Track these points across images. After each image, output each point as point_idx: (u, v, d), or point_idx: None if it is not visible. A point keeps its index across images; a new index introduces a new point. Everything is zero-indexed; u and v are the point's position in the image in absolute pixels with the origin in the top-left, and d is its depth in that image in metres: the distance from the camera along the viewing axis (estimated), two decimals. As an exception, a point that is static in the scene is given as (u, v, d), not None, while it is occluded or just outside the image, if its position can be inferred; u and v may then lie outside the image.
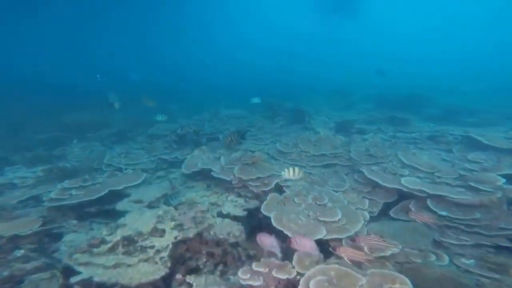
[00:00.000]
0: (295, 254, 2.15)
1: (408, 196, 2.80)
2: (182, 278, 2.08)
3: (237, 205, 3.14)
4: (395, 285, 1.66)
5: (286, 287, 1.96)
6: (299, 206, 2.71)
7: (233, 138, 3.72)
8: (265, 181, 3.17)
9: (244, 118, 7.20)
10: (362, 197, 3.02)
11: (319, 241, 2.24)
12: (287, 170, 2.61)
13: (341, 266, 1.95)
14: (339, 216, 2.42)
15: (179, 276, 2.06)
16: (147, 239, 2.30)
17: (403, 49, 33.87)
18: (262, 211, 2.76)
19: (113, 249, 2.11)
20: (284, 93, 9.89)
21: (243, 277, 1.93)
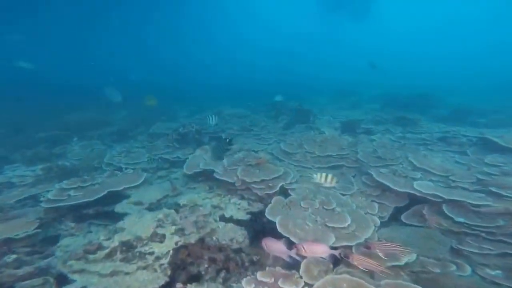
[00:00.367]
0: (303, 263, 2.03)
1: (420, 200, 2.66)
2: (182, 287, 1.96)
3: (240, 208, 3.03)
4: (413, 299, 1.54)
5: (293, 299, 1.84)
6: (306, 211, 2.58)
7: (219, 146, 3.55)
8: (269, 183, 3.04)
9: (246, 117, 7.08)
10: (371, 201, 2.88)
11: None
12: (320, 175, 2.48)
13: (352, 276, 1.83)
14: (348, 222, 2.29)
15: (179, 286, 1.94)
16: (146, 244, 2.19)
17: (406, 49, 33.52)
18: (267, 215, 2.64)
19: (110, 255, 2.00)
20: (287, 93, 9.75)
21: (247, 287, 1.82)
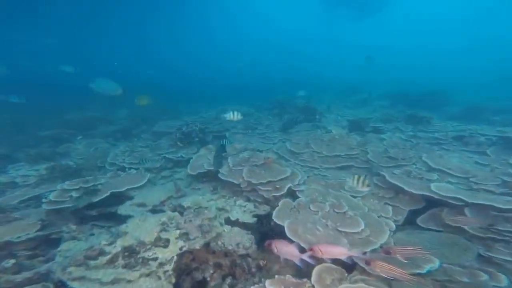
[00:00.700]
0: (315, 270, 1.91)
1: (436, 203, 2.51)
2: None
3: (246, 210, 2.92)
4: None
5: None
6: (316, 214, 2.46)
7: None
8: (276, 185, 2.92)
9: (251, 116, 6.96)
10: (383, 203, 2.74)
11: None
12: (354, 178, 2.39)
13: (369, 285, 1.71)
14: (361, 227, 2.16)
15: (184, 294, 1.85)
16: (149, 249, 2.10)
17: (410, 45, 32.87)
18: (274, 219, 2.53)
19: (112, 261, 1.92)
20: (292, 91, 9.59)
21: (256, 297, 1.71)
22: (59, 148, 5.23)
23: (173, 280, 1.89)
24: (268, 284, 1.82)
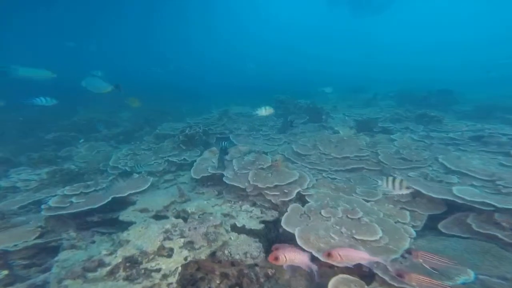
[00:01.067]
0: (331, 282, 1.77)
1: (458, 207, 2.34)
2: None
3: (252, 216, 2.79)
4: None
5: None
6: (328, 221, 2.31)
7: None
8: (284, 189, 2.78)
9: (254, 116, 6.83)
10: (399, 208, 2.58)
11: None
12: (388, 179, 2.16)
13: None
14: (379, 234, 2.01)
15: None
16: (152, 260, 1.98)
17: (415, 43, 32.46)
18: (283, 225, 2.39)
19: (112, 273, 1.80)
20: (296, 91, 9.44)
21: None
22: (61, 152, 5.16)
23: (177, 293, 1.77)
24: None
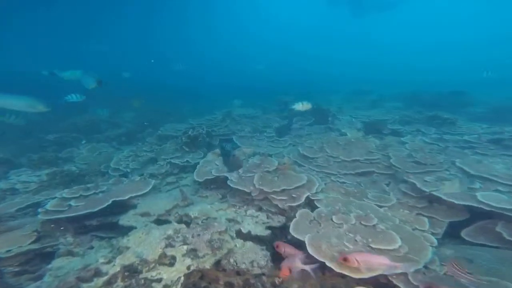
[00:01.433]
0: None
1: (483, 214, 2.18)
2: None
3: (258, 221, 2.65)
4: None
5: None
6: (340, 228, 2.17)
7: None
8: (293, 194, 2.64)
9: (258, 118, 6.72)
10: (415, 214, 2.43)
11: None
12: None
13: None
14: (398, 243, 1.85)
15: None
16: (153, 268, 1.85)
17: (417, 44, 32.24)
18: (292, 232, 2.25)
19: (109, 283, 1.67)
20: (300, 92, 9.33)
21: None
22: (62, 153, 5.08)
23: (179, 307, 1.63)
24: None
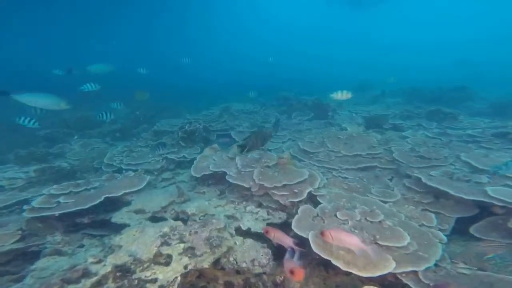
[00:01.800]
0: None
1: (487, 209, 2.11)
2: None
3: (258, 218, 2.54)
4: None
5: None
6: (345, 224, 2.07)
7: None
8: (294, 189, 2.54)
9: (257, 113, 6.59)
10: (421, 209, 2.35)
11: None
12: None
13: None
14: (407, 239, 1.77)
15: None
16: (147, 268, 1.72)
17: (413, 41, 32.32)
18: (294, 229, 2.14)
19: (99, 284, 1.54)
20: (299, 89, 9.21)
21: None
22: (53, 149, 4.88)
23: (176, 310, 1.51)
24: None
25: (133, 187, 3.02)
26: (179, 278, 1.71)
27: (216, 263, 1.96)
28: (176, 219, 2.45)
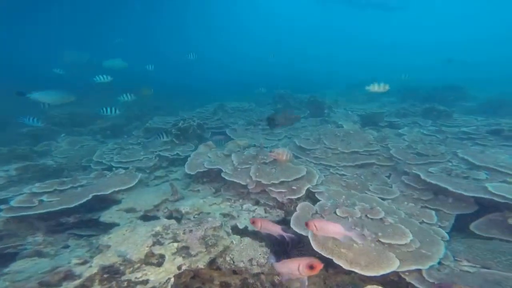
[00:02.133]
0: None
1: (490, 206, 2.09)
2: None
3: (255, 216, 2.46)
4: None
5: None
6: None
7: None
8: (292, 186, 2.46)
9: (252, 111, 6.50)
10: (420, 206, 2.32)
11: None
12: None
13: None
14: (410, 237, 1.72)
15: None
16: (138, 269, 1.60)
17: (411, 42, 32.95)
18: (293, 227, 2.07)
19: (83, 287, 1.42)
20: (295, 87, 9.16)
21: None
22: (38, 146, 4.64)
23: (169, 314, 1.41)
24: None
25: (123, 185, 2.88)
26: (172, 279, 1.60)
27: (212, 263, 1.86)
28: (170, 217, 2.34)
